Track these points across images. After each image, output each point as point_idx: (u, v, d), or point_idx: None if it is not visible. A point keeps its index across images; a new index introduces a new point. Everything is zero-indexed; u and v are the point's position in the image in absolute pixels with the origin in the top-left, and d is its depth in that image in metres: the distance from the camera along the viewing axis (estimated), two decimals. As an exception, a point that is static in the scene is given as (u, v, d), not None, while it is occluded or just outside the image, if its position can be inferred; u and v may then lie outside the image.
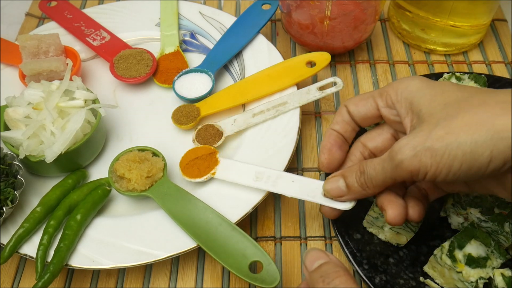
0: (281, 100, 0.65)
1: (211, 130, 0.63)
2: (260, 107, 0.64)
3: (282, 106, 0.64)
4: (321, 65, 0.68)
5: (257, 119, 0.64)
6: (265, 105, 0.64)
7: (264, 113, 0.64)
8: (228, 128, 0.63)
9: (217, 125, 0.63)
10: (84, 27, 0.76)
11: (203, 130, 0.63)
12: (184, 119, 0.65)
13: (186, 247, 0.54)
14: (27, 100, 0.59)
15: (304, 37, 0.74)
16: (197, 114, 0.66)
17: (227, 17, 0.77)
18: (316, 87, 0.65)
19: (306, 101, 0.64)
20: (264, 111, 0.64)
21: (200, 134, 0.63)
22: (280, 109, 0.64)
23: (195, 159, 0.60)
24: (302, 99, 0.65)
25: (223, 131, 0.63)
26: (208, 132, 0.63)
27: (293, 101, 0.64)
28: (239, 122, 0.64)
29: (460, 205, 0.54)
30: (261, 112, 0.64)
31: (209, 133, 0.63)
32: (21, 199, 0.58)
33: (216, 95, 0.68)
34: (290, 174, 0.55)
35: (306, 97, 0.65)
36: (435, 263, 0.51)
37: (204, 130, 0.63)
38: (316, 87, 0.65)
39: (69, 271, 0.58)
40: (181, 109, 0.67)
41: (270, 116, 0.64)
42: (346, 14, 0.68)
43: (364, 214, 0.57)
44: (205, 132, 0.63)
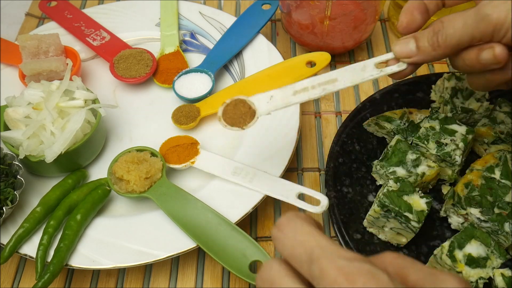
0: (329, 76, 0.51)
1: (241, 107, 0.51)
2: (303, 83, 0.51)
3: (330, 84, 0.51)
4: (321, 65, 0.68)
5: (299, 97, 0.51)
6: (309, 81, 0.51)
7: (308, 90, 0.51)
8: (262, 106, 0.50)
9: (249, 101, 0.51)
10: (84, 27, 0.76)
11: (231, 106, 0.51)
12: (184, 119, 0.66)
13: (186, 247, 0.54)
14: (27, 100, 0.59)
15: (304, 37, 0.74)
16: (197, 114, 0.66)
17: (227, 17, 0.77)
18: (373, 63, 0.51)
19: (360, 80, 0.50)
20: (308, 88, 0.51)
21: (228, 112, 0.50)
22: (327, 88, 0.50)
23: (176, 146, 0.62)
24: (356, 77, 0.51)
25: (256, 110, 0.50)
26: (238, 109, 0.51)
27: (344, 79, 0.51)
28: (276, 100, 0.51)
29: (460, 205, 0.54)
30: (304, 90, 0.51)
31: (239, 110, 0.51)
32: (21, 199, 0.58)
33: (216, 95, 0.68)
34: (267, 174, 0.58)
35: (360, 76, 0.51)
36: (435, 263, 0.51)
37: (233, 107, 0.51)
38: (373, 63, 0.51)
39: (69, 271, 0.58)
40: (181, 109, 0.67)
41: (314, 95, 0.50)
42: (346, 14, 0.68)
43: (364, 214, 0.57)
44: (234, 110, 0.51)
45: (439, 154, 0.57)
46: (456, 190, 0.55)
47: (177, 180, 0.62)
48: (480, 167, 0.57)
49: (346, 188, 0.59)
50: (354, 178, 0.60)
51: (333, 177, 0.59)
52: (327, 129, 0.70)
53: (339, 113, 0.72)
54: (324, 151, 0.68)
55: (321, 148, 0.68)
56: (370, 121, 0.64)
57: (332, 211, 0.56)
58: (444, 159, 0.58)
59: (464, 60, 0.45)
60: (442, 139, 0.58)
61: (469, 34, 0.42)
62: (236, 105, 0.51)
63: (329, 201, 0.55)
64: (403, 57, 0.47)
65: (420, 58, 0.46)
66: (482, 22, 0.41)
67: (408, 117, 0.63)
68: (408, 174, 0.56)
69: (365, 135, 0.64)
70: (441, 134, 0.58)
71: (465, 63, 0.45)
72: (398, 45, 0.48)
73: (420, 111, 0.63)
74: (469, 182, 0.56)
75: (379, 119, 0.62)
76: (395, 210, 0.52)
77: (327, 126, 0.70)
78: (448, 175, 0.59)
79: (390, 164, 0.57)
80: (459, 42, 0.44)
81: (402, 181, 0.54)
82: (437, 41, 0.45)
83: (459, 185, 0.56)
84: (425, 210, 0.52)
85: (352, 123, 0.64)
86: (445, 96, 0.62)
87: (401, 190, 0.53)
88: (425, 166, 0.57)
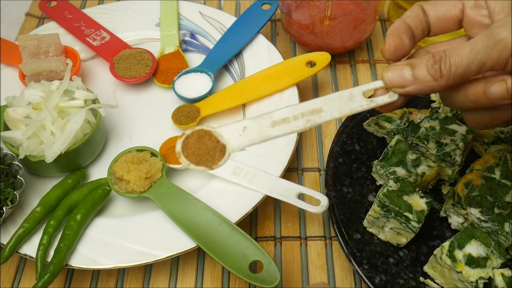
0: (312, 105, 0.43)
1: (207, 140, 0.41)
2: (283, 113, 0.42)
3: (315, 114, 0.43)
4: (321, 65, 0.68)
5: (279, 130, 0.42)
6: (290, 111, 0.42)
7: (290, 122, 0.42)
8: (234, 140, 0.41)
9: (216, 133, 0.41)
10: (84, 27, 0.76)
11: (194, 139, 0.40)
12: (184, 119, 0.66)
13: (186, 247, 0.54)
14: (27, 100, 0.59)
15: (304, 37, 0.74)
16: (197, 114, 0.66)
17: (227, 17, 0.77)
18: (361, 92, 0.44)
19: (349, 112, 0.43)
20: (289, 119, 0.42)
21: (189, 146, 0.40)
22: (312, 119, 0.42)
23: None
24: (344, 107, 0.43)
25: (226, 144, 0.41)
26: (203, 143, 0.40)
27: (331, 109, 0.43)
28: (251, 132, 0.41)
29: (460, 205, 0.54)
30: (285, 121, 0.42)
31: (204, 145, 0.40)
32: (21, 199, 0.58)
33: (216, 95, 0.68)
34: (267, 174, 0.58)
35: (349, 106, 0.43)
36: (435, 263, 0.51)
37: (196, 140, 0.40)
38: (361, 92, 0.44)
39: (69, 271, 0.58)
40: (181, 109, 0.67)
41: (297, 127, 0.42)
42: (346, 14, 0.68)
43: (364, 214, 0.57)
44: (198, 144, 0.40)
45: (439, 154, 0.57)
46: (456, 190, 0.55)
47: (177, 180, 0.62)
48: (480, 167, 0.57)
49: (346, 188, 0.59)
50: (354, 178, 0.60)
51: (333, 177, 0.59)
52: (327, 129, 0.70)
53: (339, 113, 0.72)
54: (324, 151, 0.68)
55: (321, 148, 0.68)
56: (370, 121, 0.64)
57: (332, 211, 0.56)
58: (444, 159, 0.58)
59: (467, 95, 0.39)
60: (442, 139, 0.58)
61: (479, 61, 0.37)
62: (200, 137, 0.41)
63: (329, 201, 0.55)
64: (395, 86, 0.41)
65: (416, 88, 0.40)
66: (496, 47, 0.36)
67: (408, 117, 0.63)
68: (408, 174, 0.56)
69: (365, 135, 0.64)
70: (441, 134, 0.58)
71: (467, 98, 0.39)
72: (390, 72, 0.41)
73: (420, 111, 0.63)
74: (469, 182, 0.56)
75: (379, 119, 0.62)
76: (395, 210, 0.52)
77: (327, 126, 0.70)
78: (448, 175, 0.59)
79: (390, 164, 0.57)
80: (466, 72, 0.37)
81: (402, 181, 0.54)
82: (439, 69, 0.38)
83: (459, 185, 0.56)
84: (425, 210, 0.52)
85: (352, 123, 0.64)
86: None
87: (401, 190, 0.53)
88: (425, 166, 0.57)
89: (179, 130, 0.66)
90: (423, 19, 0.45)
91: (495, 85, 0.37)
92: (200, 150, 0.40)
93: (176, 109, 0.67)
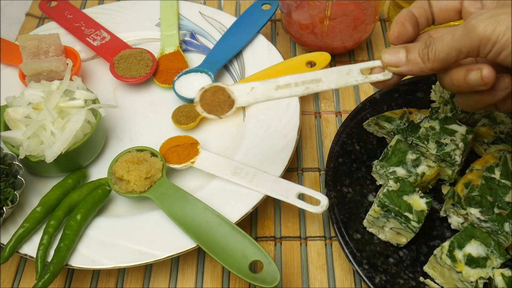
0: (314, 75, 0.50)
1: (220, 95, 0.49)
2: (287, 79, 0.50)
3: (314, 83, 0.50)
4: (321, 65, 0.68)
5: (281, 93, 0.49)
6: (293, 78, 0.49)
7: (291, 87, 0.50)
8: (242, 97, 0.49)
9: (229, 90, 0.49)
10: (84, 27, 0.76)
11: (210, 93, 0.49)
12: (184, 119, 0.66)
13: (186, 247, 0.54)
14: (27, 100, 0.59)
15: (304, 37, 0.74)
16: (197, 114, 0.66)
17: (227, 17, 0.77)
18: (359, 69, 0.50)
19: (345, 84, 0.50)
20: (291, 84, 0.50)
21: (205, 98, 0.49)
22: (310, 87, 0.50)
23: (176, 146, 0.62)
24: (341, 80, 0.50)
25: (235, 99, 0.49)
26: (217, 97, 0.49)
27: (329, 80, 0.50)
28: (257, 92, 0.49)
29: (460, 205, 0.54)
30: (287, 86, 0.50)
31: (217, 98, 0.49)
32: (21, 199, 0.58)
33: None
34: (267, 174, 0.58)
35: (345, 79, 0.50)
36: (435, 263, 0.51)
37: (211, 94, 0.49)
38: (359, 69, 0.50)
39: (69, 271, 0.58)
40: (181, 109, 0.67)
41: (297, 92, 0.49)
42: (346, 14, 0.68)
43: (364, 214, 0.57)
44: (213, 97, 0.49)
45: (439, 154, 0.57)
46: (456, 190, 0.55)
47: (177, 180, 0.62)
48: (480, 167, 0.57)
49: (346, 188, 0.59)
50: (354, 178, 0.60)
51: (333, 177, 0.59)
52: (327, 129, 0.70)
53: (339, 113, 0.72)
54: (324, 151, 0.68)
55: (321, 148, 0.68)
56: (370, 121, 0.64)
57: (332, 211, 0.56)
58: (444, 159, 0.58)
59: (452, 80, 0.44)
60: (442, 139, 0.58)
61: (456, 48, 0.42)
62: (215, 92, 0.49)
63: (329, 201, 0.55)
64: (391, 65, 0.47)
65: (408, 69, 0.46)
66: (468, 35, 0.41)
67: (408, 117, 0.63)
68: (408, 174, 0.56)
69: (365, 135, 0.64)
70: (441, 134, 0.58)
71: (452, 82, 0.44)
72: (387, 53, 0.47)
73: (420, 111, 0.63)
74: (469, 182, 0.56)
75: (379, 119, 0.63)
76: (395, 210, 0.52)
77: (327, 126, 0.70)
78: (448, 175, 0.59)
79: (390, 164, 0.57)
80: (448, 57, 0.43)
81: (402, 181, 0.54)
82: (427, 54, 0.44)
83: (459, 185, 0.56)
84: (425, 210, 0.52)
85: (352, 123, 0.64)
86: (445, 96, 0.62)
87: (401, 190, 0.53)
88: (425, 166, 0.57)
89: (179, 130, 0.66)
90: (428, 10, 0.50)
91: (472, 72, 0.42)
92: (213, 101, 0.49)
93: (176, 109, 0.67)
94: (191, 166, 0.60)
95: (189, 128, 0.66)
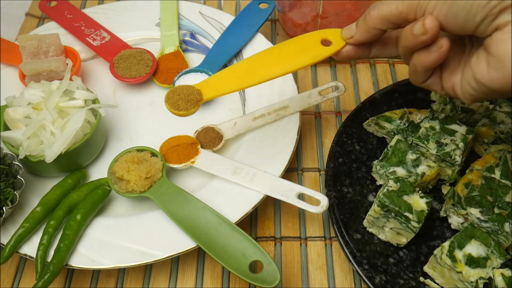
0: (282, 104, 0.65)
1: (211, 133, 0.63)
2: (261, 111, 0.64)
3: (283, 110, 0.64)
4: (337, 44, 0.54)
5: (258, 122, 0.64)
6: (266, 109, 0.64)
7: (265, 116, 0.64)
8: (228, 131, 0.64)
9: (217, 128, 0.63)
10: (84, 27, 0.76)
11: (203, 133, 0.63)
12: (183, 104, 0.51)
13: (186, 247, 0.54)
14: (27, 100, 0.59)
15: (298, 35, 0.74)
16: (199, 98, 0.51)
17: (227, 17, 0.77)
18: (317, 91, 0.66)
19: (307, 106, 0.65)
20: (265, 114, 0.64)
21: (199, 138, 0.63)
22: (280, 113, 0.64)
23: (176, 146, 0.61)
24: (303, 103, 0.65)
25: (223, 135, 0.63)
26: (208, 135, 0.63)
27: (294, 105, 0.64)
28: (239, 126, 0.64)
29: (460, 205, 0.54)
30: (262, 116, 0.64)
31: (209, 136, 0.63)
32: (21, 199, 0.58)
33: (220, 75, 0.53)
34: (267, 174, 0.58)
35: (307, 101, 0.65)
36: (435, 263, 0.51)
37: (204, 133, 0.63)
38: (317, 91, 0.66)
39: (69, 271, 0.58)
40: (177, 91, 0.51)
41: (270, 119, 0.64)
42: (338, 13, 0.68)
43: (364, 214, 0.57)
44: (205, 135, 0.63)
45: (439, 154, 0.57)
46: (456, 190, 0.55)
47: (177, 180, 0.62)
48: (480, 167, 0.57)
49: (346, 188, 0.59)
50: (354, 178, 0.60)
51: (333, 177, 0.59)
52: (327, 129, 0.70)
53: (339, 113, 0.72)
54: (324, 151, 0.68)
55: (321, 148, 0.68)
56: (370, 121, 0.64)
57: (332, 211, 0.56)
58: (444, 159, 0.58)
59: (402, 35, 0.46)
60: (442, 139, 0.58)
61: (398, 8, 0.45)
62: (207, 132, 0.63)
63: (329, 201, 0.55)
64: (348, 38, 0.51)
65: (358, 34, 0.50)
66: None
67: (408, 117, 0.63)
68: (408, 174, 0.56)
69: (365, 135, 0.64)
70: (441, 134, 0.58)
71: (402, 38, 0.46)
72: (344, 30, 0.52)
73: (420, 111, 0.63)
74: (469, 182, 0.56)
75: (379, 119, 0.62)
76: (395, 210, 0.52)
77: (327, 126, 0.70)
78: (448, 175, 0.59)
79: (390, 164, 0.57)
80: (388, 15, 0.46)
81: (402, 181, 0.54)
82: (368, 13, 0.48)
83: (459, 185, 0.56)
84: (425, 210, 0.52)
85: (352, 123, 0.64)
86: (445, 96, 0.62)
87: (401, 190, 0.53)
88: (425, 166, 0.57)
89: (179, 130, 0.65)
90: None
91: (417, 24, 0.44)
92: (206, 139, 0.63)
93: (170, 91, 0.52)
94: (191, 166, 0.60)
95: (189, 115, 0.52)
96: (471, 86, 0.44)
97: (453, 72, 0.47)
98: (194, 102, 0.51)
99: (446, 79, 0.48)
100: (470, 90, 0.44)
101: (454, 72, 0.47)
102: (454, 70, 0.47)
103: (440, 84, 0.48)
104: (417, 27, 0.43)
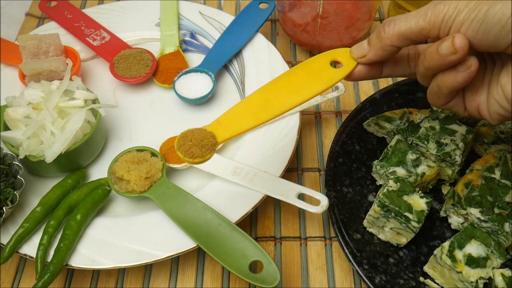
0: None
1: None
2: None
3: None
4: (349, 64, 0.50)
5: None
6: None
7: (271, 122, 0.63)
8: None
9: None
10: (84, 27, 0.76)
11: None
12: (198, 150, 0.44)
13: (186, 247, 0.54)
14: (27, 100, 0.59)
15: (298, 35, 0.74)
16: (214, 142, 0.45)
17: (227, 17, 0.77)
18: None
19: (307, 106, 0.66)
20: None
21: None
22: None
23: None
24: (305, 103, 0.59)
25: None
26: None
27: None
28: None
29: (460, 205, 0.54)
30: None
31: None
32: (21, 199, 0.58)
33: (231, 113, 0.47)
34: (267, 174, 0.58)
35: (308, 102, 0.63)
36: (435, 263, 0.51)
37: None
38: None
39: (69, 271, 0.58)
40: (188, 136, 0.45)
41: None
42: (338, 13, 0.68)
43: (364, 214, 0.57)
44: None
45: (439, 154, 0.57)
46: (456, 190, 0.55)
47: (177, 180, 0.62)
48: (480, 167, 0.57)
49: (346, 188, 0.59)
50: (354, 178, 0.60)
51: (333, 177, 0.59)
52: (327, 129, 0.70)
53: (339, 113, 0.72)
54: (324, 151, 0.68)
55: (321, 148, 0.68)
56: (370, 121, 0.64)
57: (332, 211, 0.56)
58: (444, 159, 0.58)
59: (425, 55, 0.42)
60: (442, 139, 0.58)
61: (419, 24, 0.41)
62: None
63: (329, 201, 0.55)
64: (359, 57, 0.47)
65: (372, 53, 0.46)
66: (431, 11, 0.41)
67: (408, 117, 0.63)
68: (408, 174, 0.56)
69: (365, 135, 0.64)
70: (441, 134, 0.58)
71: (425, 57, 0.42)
72: (354, 49, 0.48)
73: (420, 111, 0.63)
74: (469, 182, 0.56)
75: (379, 119, 0.63)
76: (395, 210, 0.52)
77: (327, 126, 0.70)
78: (448, 175, 0.59)
79: (390, 164, 0.57)
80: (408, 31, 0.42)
81: (402, 181, 0.54)
82: (383, 30, 0.44)
83: (459, 185, 0.56)
84: (425, 210, 0.52)
85: (352, 123, 0.64)
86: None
87: (401, 190, 0.53)
88: (425, 166, 0.57)
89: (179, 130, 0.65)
90: None
91: (445, 42, 0.40)
92: None
93: (181, 137, 0.45)
94: (191, 166, 0.60)
95: (205, 161, 0.45)
96: (502, 107, 0.41)
97: (477, 92, 0.44)
98: (209, 147, 0.45)
99: (470, 99, 0.45)
100: (500, 111, 0.41)
101: (478, 91, 0.44)
102: (478, 90, 0.44)
103: (463, 105, 0.45)
104: (445, 46, 0.40)
